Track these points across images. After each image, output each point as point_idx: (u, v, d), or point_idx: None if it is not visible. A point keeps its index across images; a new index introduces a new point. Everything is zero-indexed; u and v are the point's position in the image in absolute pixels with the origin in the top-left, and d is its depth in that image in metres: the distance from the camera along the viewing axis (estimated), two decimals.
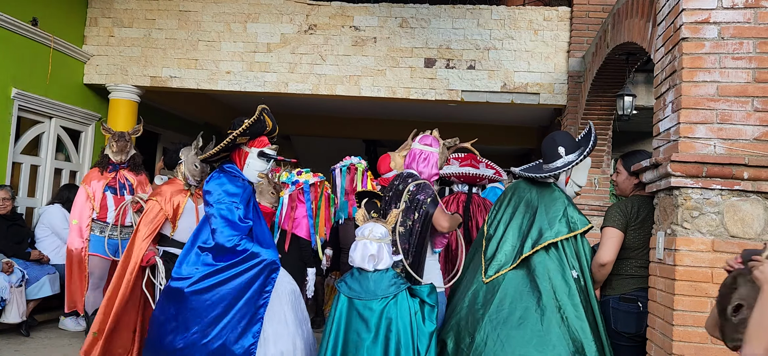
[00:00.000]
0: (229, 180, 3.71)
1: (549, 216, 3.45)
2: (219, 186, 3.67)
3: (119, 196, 5.53)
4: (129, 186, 5.63)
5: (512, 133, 10.98)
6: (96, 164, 5.80)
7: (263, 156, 3.88)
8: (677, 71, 3.12)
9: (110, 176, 5.61)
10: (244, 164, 3.84)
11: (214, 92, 7.84)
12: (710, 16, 3.05)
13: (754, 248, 2.01)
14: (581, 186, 3.70)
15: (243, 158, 3.85)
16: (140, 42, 7.62)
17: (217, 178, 3.73)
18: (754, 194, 2.92)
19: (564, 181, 3.64)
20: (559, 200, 3.51)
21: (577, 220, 3.43)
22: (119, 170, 5.65)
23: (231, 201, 3.61)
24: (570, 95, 7.06)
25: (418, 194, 3.72)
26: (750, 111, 2.99)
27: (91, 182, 5.59)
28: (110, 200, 5.53)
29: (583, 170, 3.66)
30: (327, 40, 7.37)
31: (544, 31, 7.19)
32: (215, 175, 3.76)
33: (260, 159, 3.86)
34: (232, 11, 7.50)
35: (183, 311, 3.49)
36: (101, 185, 5.58)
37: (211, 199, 3.63)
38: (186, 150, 4.85)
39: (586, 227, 3.44)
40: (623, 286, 3.46)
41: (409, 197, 3.72)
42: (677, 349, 2.89)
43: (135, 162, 5.82)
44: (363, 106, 9.36)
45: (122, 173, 5.66)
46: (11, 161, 6.65)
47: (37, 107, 6.93)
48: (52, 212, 6.22)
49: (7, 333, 5.60)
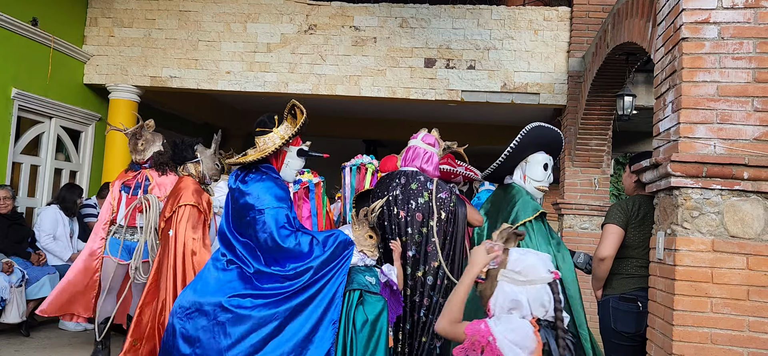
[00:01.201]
0: (275, 183, 3.49)
1: (503, 215, 3.59)
2: (267, 191, 3.43)
3: (131, 195, 5.03)
4: (145, 186, 5.09)
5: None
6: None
7: (303, 154, 3.68)
8: (677, 71, 3.12)
9: (135, 175, 5.15)
10: (283, 164, 3.64)
11: (214, 92, 7.84)
12: (710, 16, 3.05)
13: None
14: (538, 180, 3.71)
15: (281, 158, 3.62)
16: (140, 42, 7.62)
17: (259, 180, 3.48)
18: (754, 194, 2.92)
19: (522, 179, 3.71)
20: (514, 198, 3.63)
21: (519, 209, 3.51)
22: (141, 170, 5.15)
23: (280, 205, 3.41)
24: (570, 95, 7.06)
25: (439, 192, 3.71)
26: (750, 111, 2.99)
27: (117, 183, 5.19)
28: (123, 200, 5.09)
29: (535, 166, 3.70)
30: (327, 40, 7.37)
31: (544, 31, 7.19)
32: (256, 177, 3.50)
33: (299, 157, 3.68)
34: (232, 11, 7.50)
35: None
36: (119, 183, 5.14)
37: (260, 204, 3.39)
38: (203, 148, 4.73)
39: (527, 218, 3.45)
40: (623, 285, 3.47)
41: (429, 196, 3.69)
42: (677, 349, 2.89)
43: (158, 161, 5.21)
44: (363, 106, 9.36)
45: (145, 172, 5.15)
46: (11, 161, 6.66)
47: (37, 107, 6.93)
48: (44, 214, 6.22)
49: (7, 333, 5.60)
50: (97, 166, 7.90)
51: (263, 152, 3.51)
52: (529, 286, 2.25)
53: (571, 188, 6.94)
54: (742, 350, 2.87)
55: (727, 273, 2.90)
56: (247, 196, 3.44)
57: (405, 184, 3.78)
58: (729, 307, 2.89)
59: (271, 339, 3.20)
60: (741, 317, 2.87)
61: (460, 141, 4.23)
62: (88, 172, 7.84)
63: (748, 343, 2.86)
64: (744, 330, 2.87)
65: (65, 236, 6.22)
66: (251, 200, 3.42)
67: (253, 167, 3.55)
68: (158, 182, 5.12)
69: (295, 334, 3.21)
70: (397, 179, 3.84)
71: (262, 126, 3.61)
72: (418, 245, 3.68)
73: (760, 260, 2.88)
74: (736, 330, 2.88)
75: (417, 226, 3.70)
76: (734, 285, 2.89)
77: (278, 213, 3.36)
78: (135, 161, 5.15)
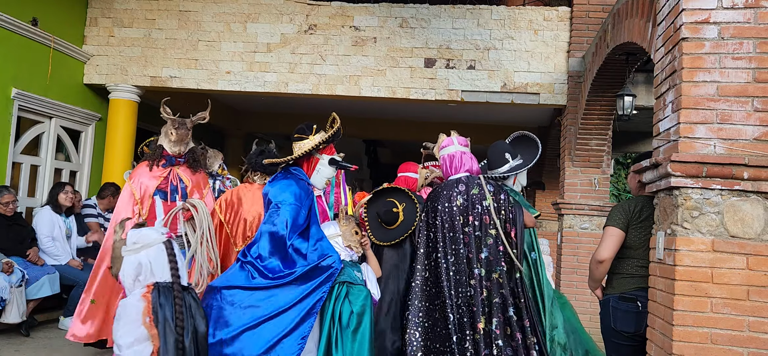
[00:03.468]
0: (297, 184, 3.70)
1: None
2: (287, 187, 3.66)
3: (170, 202, 4.37)
4: (182, 189, 4.48)
5: (512, 133, 10.95)
6: (146, 157, 4.61)
7: (334, 163, 3.90)
8: (677, 71, 3.12)
9: (162, 173, 4.46)
10: (314, 170, 3.85)
11: (214, 92, 7.84)
12: (710, 16, 3.05)
13: None
14: (524, 185, 4.33)
15: (313, 164, 3.86)
16: (140, 42, 7.62)
17: (283, 178, 3.74)
18: (754, 194, 2.92)
19: (512, 182, 4.22)
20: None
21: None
22: (175, 164, 4.50)
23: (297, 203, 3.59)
24: (570, 95, 7.06)
25: (499, 193, 3.81)
26: (750, 111, 2.99)
27: (140, 180, 4.45)
28: (159, 207, 4.36)
29: (523, 173, 4.26)
30: (327, 40, 7.37)
31: (544, 31, 7.19)
32: (281, 176, 3.77)
33: (330, 166, 3.89)
34: (232, 11, 7.50)
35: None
36: (152, 185, 4.42)
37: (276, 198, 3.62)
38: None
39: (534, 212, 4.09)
40: (623, 285, 3.47)
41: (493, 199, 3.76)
42: (677, 349, 2.89)
43: (194, 157, 4.69)
44: (363, 106, 9.36)
45: (176, 171, 4.50)
46: (11, 161, 6.66)
47: (37, 107, 6.93)
48: (40, 216, 6.20)
49: (7, 333, 5.60)
50: (97, 166, 7.90)
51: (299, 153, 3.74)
52: (146, 249, 2.75)
53: (571, 188, 6.95)
54: (742, 350, 2.87)
55: (727, 273, 2.90)
56: (269, 193, 3.66)
57: (466, 190, 3.82)
58: (729, 307, 2.89)
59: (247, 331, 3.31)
60: (741, 317, 2.87)
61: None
62: (88, 172, 7.84)
63: (748, 343, 2.86)
64: (744, 330, 2.87)
65: (61, 237, 6.21)
66: (272, 196, 3.63)
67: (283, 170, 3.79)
68: (194, 181, 4.59)
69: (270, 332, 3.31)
70: (456, 187, 3.85)
71: (300, 133, 3.83)
72: (489, 248, 3.72)
73: (760, 260, 2.88)
74: (736, 330, 2.88)
75: (485, 229, 3.74)
76: (734, 285, 2.89)
77: (296, 211, 3.54)
78: (173, 154, 4.48)
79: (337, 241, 3.70)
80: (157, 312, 2.61)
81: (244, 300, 3.34)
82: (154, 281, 2.71)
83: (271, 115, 11.31)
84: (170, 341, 2.59)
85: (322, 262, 3.45)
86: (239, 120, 11.40)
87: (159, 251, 2.79)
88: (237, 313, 3.31)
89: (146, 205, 4.34)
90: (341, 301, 3.47)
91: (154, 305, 2.62)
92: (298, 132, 3.86)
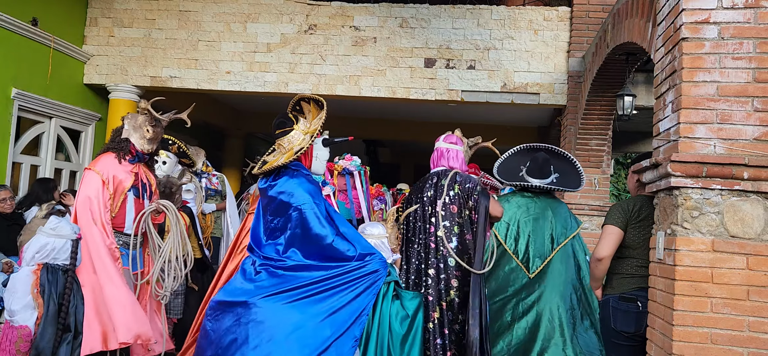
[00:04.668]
0: (307, 180, 3.49)
1: (563, 216, 4.45)
2: (298, 185, 3.43)
3: (141, 200, 4.07)
4: (149, 188, 4.18)
5: (512, 133, 10.98)
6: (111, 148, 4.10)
7: (328, 143, 3.64)
8: (677, 71, 3.12)
9: (132, 168, 4.07)
10: (312, 158, 3.60)
11: (214, 92, 7.85)
12: (710, 16, 3.05)
13: None
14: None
15: (309, 153, 3.59)
16: (140, 42, 7.62)
17: (291, 177, 3.47)
18: (754, 194, 2.92)
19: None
20: (562, 204, 4.57)
21: (575, 217, 4.60)
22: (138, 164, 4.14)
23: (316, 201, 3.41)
24: (570, 95, 7.06)
25: (466, 183, 3.85)
26: (750, 111, 2.99)
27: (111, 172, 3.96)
28: (130, 204, 4.02)
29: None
30: (327, 40, 7.37)
31: (544, 31, 7.19)
32: (287, 175, 3.49)
33: (325, 147, 3.65)
34: (232, 11, 7.50)
35: None
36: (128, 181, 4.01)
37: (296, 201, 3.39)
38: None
39: (582, 224, 4.72)
40: (623, 285, 3.47)
41: (459, 188, 3.83)
42: (677, 349, 2.89)
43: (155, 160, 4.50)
44: (363, 106, 9.37)
45: (144, 169, 4.19)
46: (11, 161, 6.66)
47: (37, 107, 6.94)
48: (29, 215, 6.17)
49: None
50: None
51: (291, 152, 3.50)
52: (56, 238, 3.34)
53: None
54: (742, 350, 2.87)
55: (727, 273, 2.90)
56: (281, 195, 3.43)
57: (436, 182, 3.92)
58: (729, 307, 2.89)
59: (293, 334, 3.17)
60: (741, 317, 2.87)
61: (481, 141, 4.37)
62: None
63: (748, 343, 2.86)
64: (744, 330, 2.87)
65: None
66: (286, 197, 3.42)
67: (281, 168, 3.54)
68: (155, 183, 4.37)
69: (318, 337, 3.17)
70: (429, 180, 3.97)
71: (281, 127, 3.60)
72: (458, 236, 3.80)
73: (760, 261, 2.88)
74: (736, 330, 2.88)
75: (454, 218, 3.82)
76: (734, 285, 2.89)
77: (317, 208, 3.39)
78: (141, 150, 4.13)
79: (383, 242, 3.63)
80: (44, 286, 3.27)
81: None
82: (46, 262, 3.33)
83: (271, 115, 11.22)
84: (52, 310, 3.26)
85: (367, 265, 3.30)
86: (239, 120, 11.40)
87: (67, 244, 3.38)
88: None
89: (118, 200, 3.95)
90: (390, 302, 3.35)
91: (42, 280, 3.28)
92: (278, 126, 3.60)
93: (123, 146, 4.07)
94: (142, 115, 4.18)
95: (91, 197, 3.85)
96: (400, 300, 3.41)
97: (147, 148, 4.14)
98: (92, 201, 3.84)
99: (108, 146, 4.14)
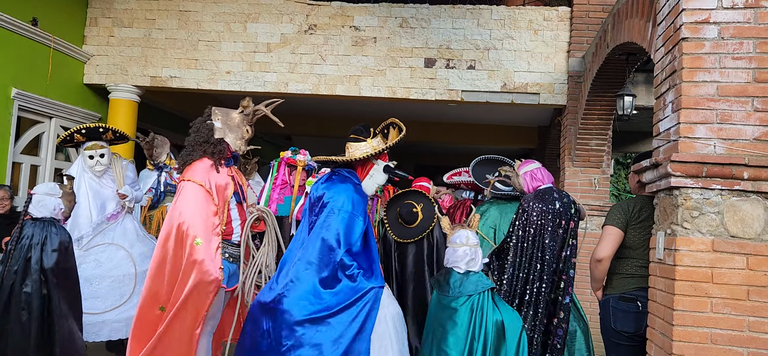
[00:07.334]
0: (356, 190, 3.49)
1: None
2: (344, 191, 3.44)
3: (241, 206, 3.68)
4: (243, 192, 3.73)
5: (512, 133, 10.99)
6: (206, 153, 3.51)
7: (388, 171, 3.72)
8: (677, 71, 3.12)
9: (230, 173, 3.58)
10: (368, 175, 3.67)
11: (214, 92, 7.84)
12: (710, 16, 3.05)
13: None
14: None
15: (367, 169, 3.67)
16: (140, 42, 7.62)
17: (341, 183, 3.50)
18: (754, 194, 2.92)
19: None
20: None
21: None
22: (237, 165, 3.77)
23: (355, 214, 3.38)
24: (570, 95, 7.06)
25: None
26: (750, 111, 2.99)
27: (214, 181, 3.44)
28: (235, 212, 3.59)
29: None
30: (327, 40, 7.37)
31: (544, 31, 7.19)
32: (337, 180, 3.52)
33: (384, 173, 3.71)
34: (232, 11, 7.50)
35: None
36: (231, 189, 3.54)
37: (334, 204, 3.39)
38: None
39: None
40: (623, 285, 3.47)
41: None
42: (677, 349, 2.89)
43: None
44: (363, 106, 9.37)
45: (235, 170, 3.70)
46: (11, 161, 6.66)
47: (37, 107, 6.93)
48: None
49: None
50: None
51: (350, 157, 3.59)
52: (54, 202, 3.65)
53: (571, 188, 6.94)
54: (742, 350, 2.87)
55: (727, 273, 2.90)
56: (325, 195, 3.47)
57: (559, 197, 3.77)
58: (729, 307, 2.89)
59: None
60: (741, 317, 2.88)
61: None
62: None
63: (748, 343, 2.86)
64: (744, 330, 2.87)
65: None
66: (327, 198, 3.45)
67: (336, 171, 3.61)
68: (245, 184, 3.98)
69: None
70: (554, 194, 3.79)
71: (356, 133, 3.68)
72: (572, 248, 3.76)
73: (760, 261, 2.88)
74: (736, 330, 2.88)
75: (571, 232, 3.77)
76: (734, 285, 2.89)
77: (352, 220, 3.33)
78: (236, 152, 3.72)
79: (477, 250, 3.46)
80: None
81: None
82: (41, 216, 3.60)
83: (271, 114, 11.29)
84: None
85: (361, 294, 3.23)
86: None
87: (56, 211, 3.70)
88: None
89: (224, 213, 3.46)
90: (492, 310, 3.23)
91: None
92: (354, 133, 3.68)
93: (221, 149, 3.52)
94: (237, 113, 3.71)
95: (194, 212, 3.29)
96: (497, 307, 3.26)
97: (243, 149, 3.72)
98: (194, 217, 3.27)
99: (199, 148, 3.51)
